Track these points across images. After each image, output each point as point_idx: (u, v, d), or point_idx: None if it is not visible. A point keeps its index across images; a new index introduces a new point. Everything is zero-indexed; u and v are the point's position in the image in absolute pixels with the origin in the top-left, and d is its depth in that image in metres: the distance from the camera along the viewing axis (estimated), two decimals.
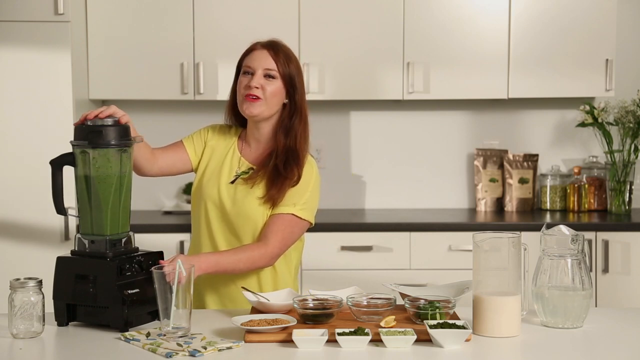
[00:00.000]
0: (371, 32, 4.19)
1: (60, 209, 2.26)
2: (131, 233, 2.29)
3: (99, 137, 2.19)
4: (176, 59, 4.19)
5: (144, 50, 4.17)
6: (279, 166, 2.45)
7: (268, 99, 2.45)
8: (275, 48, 2.50)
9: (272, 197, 2.44)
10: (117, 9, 4.17)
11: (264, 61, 2.46)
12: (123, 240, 2.25)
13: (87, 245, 2.23)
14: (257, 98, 2.44)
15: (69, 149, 2.24)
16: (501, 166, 4.53)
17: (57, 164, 2.25)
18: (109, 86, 4.19)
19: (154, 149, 2.53)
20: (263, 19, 4.17)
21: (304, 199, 2.47)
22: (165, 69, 4.19)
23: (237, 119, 2.59)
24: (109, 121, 2.22)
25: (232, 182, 2.51)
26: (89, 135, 2.19)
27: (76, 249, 2.25)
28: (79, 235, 2.24)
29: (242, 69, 2.49)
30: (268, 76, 2.46)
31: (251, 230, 2.47)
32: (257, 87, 2.44)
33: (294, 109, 2.49)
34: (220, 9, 4.17)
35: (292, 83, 2.48)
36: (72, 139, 2.24)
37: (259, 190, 2.47)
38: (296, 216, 2.45)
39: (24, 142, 3.89)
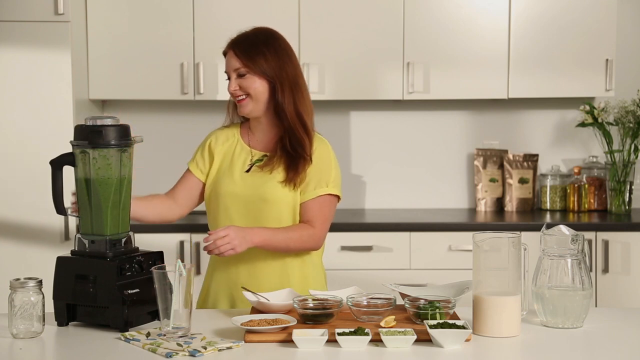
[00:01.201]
0: (371, 32, 4.20)
1: (60, 209, 2.26)
2: (131, 233, 2.29)
3: (99, 137, 2.18)
4: (176, 59, 4.19)
5: (144, 50, 4.17)
6: (287, 148, 2.49)
7: (252, 94, 2.48)
8: (236, 44, 2.51)
9: (292, 180, 2.48)
10: (117, 9, 4.17)
11: (232, 63, 2.50)
12: (123, 240, 2.25)
13: (87, 245, 2.23)
14: (243, 98, 2.49)
15: (69, 149, 2.24)
16: (501, 166, 4.53)
17: (57, 164, 2.25)
18: (109, 86, 4.19)
19: (167, 193, 2.60)
20: (263, 19, 4.14)
21: (332, 176, 2.53)
22: (165, 69, 4.19)
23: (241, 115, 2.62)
24: (109, 121, 2.22)
25: (248, 171, 2.53)
26: (89, 135, 2.19)
27: (76, 249, 2.25)
28: (79, 235, 2.24)
29: (225, 75, 2.55)
30: (240, 75, 2.48)
31: (276, 217, 2.49)
32: (236, 90, 2.49)
33: (280, 88, 2.49)
34: (220, 9, 4.17)
35: (264, 70, 2.47)
36: (72, 138, 2.24)
37: (279, 174, 2.49)
38: (330, 194, 2.52)
39: (24, 142, 3.89)
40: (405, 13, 4.19)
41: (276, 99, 2.49)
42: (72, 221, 3.88)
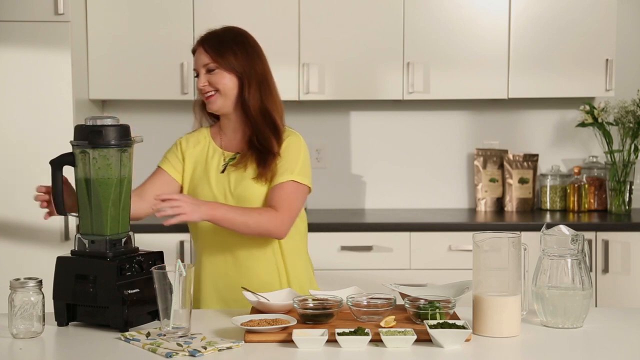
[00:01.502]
0: (371, 32, 4.20)
1: (60, 209, 2.26)
2: (131, 233, 2.29)
3: (98, 137, 2.18)
4: (176, 59, 4.19)
5: (144, 50, 4.17)
6: (256, 144, 2.50)
7: (221, 90, 2.49)
8: (205, 41, 2.52)
9: (263, 175, 2.48)
10: (117, 9, 4.17)
11: (201, 59, 2.51)
12: (123, 240, 2.25)
13: (87, 245, 2.23)
14: (212, 94, 2.50)
15: (70, 149, 2.24)
16: (501, 166, 4.53)
17: (57, 164, 2.25)
18: (109, 86, 4.19)
19: (134, 190, 2.52)
20: (263, 19, 4.17)
21: (298, 166, 2.50)
22: (165, 69, 4.19)
23: (210, 115, 2.62)
24: (109, 121, 2.22)
25: (223, 172, 2.53)
26: (89, 135, 2.19)
27: (76, 249, 2.25)
28: (79, 235, 2.24)
29: (194, 72, 2.55)
30: (209, 71, 2.49)
31: None
32: (205, 85, 2.49)
33: (248, 84, 2.50)
34: (220, 9, 4.17)
35: (233, 65, 2.48)
36: (72, 138, 2.24)
37: (252, 171, 2.50)
38: (296, 182, 2.49)
39: (24, 142, 3.89)
40: (405, 13, 4.19)
41: (244, 94, 2.49)
42: (72, 221, 3.88)
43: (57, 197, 2.25)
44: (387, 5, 4.19)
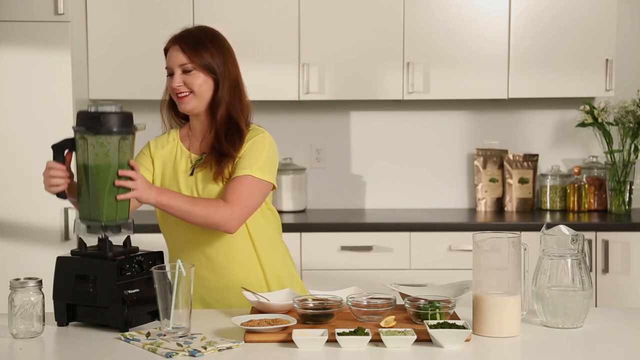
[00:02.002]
0: (371, 32, 4.20)
1: (60, 193, 2.26)
2: (131, 221, 2.25)
3: (96, 123, 2.16)
4: None
5: (144, 50, 4.17)
6: (216, 146, 2.47)
7: (196, 91, 2.45)
8: (182, 39, 2.47)
9: (219, 174, 2.44)
10: (117, 9, 4.17)
11: (177, 58, 2.46)
12: (120, 226, 2.22)
13: (84, 229, 2.20)
14: (186, 95, 2.46)
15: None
16: (501, 166, 4.53)
17: (59, 148, 2.24)
18: (109, 86, 4.19)
19: None
20: (263, 19, 4.17)
21: (259, 162, 2.45)
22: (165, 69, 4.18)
23: (178, 116, 2.59)
24: (110, 108, 2.18)
25: (191, 174, 2.51)
26: (88, 122, 2.17)
27: (74, 233, 2.23)
28: (77, 220, 2.23)
29: (167, 72, 2.50)
30: (185, 71, 2.45)
31: None
32: (180, 85, 2.45)
33: (222, 86, 2.47)
34: (220, 9, 4.17)
35: (209, 66, 2.45)
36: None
37: (214, 171, 2.47)
38: (254, 177, 2.43)
39: (24, 142, 3.89)
40: (405, 13, 4.19)
41: (217, 96, 2.47)
42: (72, 221, 3.88)
43: None
44: (387, 5, 4.19)
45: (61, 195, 2.27)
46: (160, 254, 2.32)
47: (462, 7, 4.21)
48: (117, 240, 2.27)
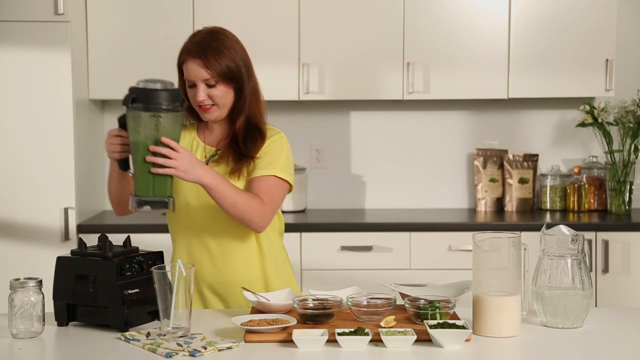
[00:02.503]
0: (371, 32, 4.20)
1: (120, 162, 2.33)
2: (168, 199, 2.25)
3: (129, 98, 2.19)
4: (176, 59, 4.17)
5: (144, 50, 4.17)
6: (234, 146, 2.48)
7: (219, 103, 2.46)
8: (202, 54, 2.45)
9: (236, 170, 2.46)
10: (117, 9, 4.17)
11: (199, 73, 2.45)
12: (156, 202, 2.24)
13: (131, 203, 2.24)
14: (210, 107, 2.47)
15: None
16: (501, 166, 4.53)
17: (120, 122, 2.31)
18: (109, 86, 4.19)
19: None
20: (263, 19, 4.17)
21: (281, 162, 2.48)
22: (165, 69, 4.18)
23: (193, 115, 2.58)
24: (155, 85, 2.22)
25: None
26: (129, 97, 2.20)
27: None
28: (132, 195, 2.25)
29: (186, 82, 2.50)
30: (208, 85, 2.45)
31: None
32: (205, 99, 2.45)
33: (244, 94, 2.48)
34: (220, 9, 4.17)
35: (233, 76, 2.46)
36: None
37: (230, 166, 2.48)
38: (278, 177, 2.46)
39: (24, 142, 3.89)
40: (405, 13, 4.19)
41: (238, 104, 2.48)
42: (72, 221, 3.88)
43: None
44: (387, 5, 4.19)
45: (121, 165, 2.32)
46: (160, 254, 2.33)
47: (462, 7, 4.21)
48: (118, 240, 2.27)
